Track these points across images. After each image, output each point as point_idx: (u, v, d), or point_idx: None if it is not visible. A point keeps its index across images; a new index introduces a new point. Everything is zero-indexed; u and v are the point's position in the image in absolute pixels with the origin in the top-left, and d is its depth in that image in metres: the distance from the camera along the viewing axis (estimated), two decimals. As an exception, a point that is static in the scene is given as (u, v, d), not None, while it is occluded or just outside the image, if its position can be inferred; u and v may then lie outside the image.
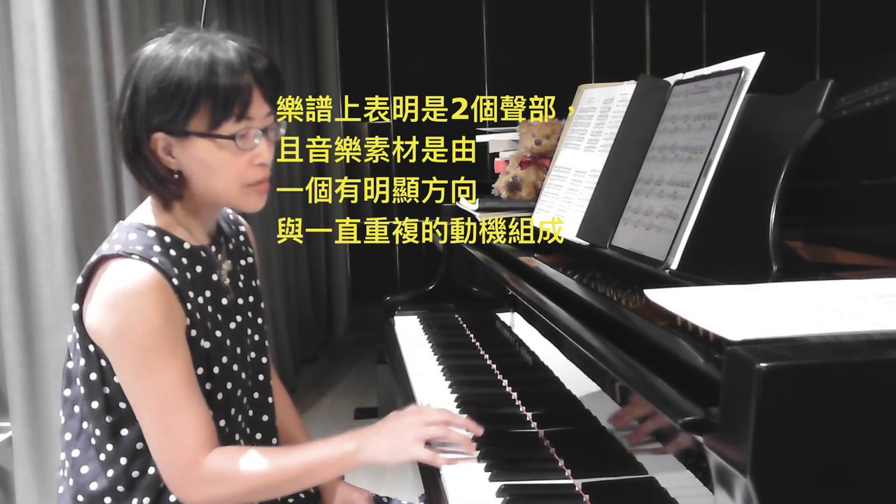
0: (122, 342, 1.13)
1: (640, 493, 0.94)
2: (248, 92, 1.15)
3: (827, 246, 1.32)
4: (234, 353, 1.25)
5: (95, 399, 1.19)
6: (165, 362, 1.13)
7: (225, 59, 1.14)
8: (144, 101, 1.15)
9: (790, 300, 0.80)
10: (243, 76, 1.15)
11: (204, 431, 1.15)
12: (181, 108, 1.13)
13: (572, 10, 5.46)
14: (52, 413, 2.10)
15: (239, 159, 1.17)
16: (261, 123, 1.18)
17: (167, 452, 1.15)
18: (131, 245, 1.15)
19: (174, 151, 1.17)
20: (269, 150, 1.22)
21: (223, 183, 1.19)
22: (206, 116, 1.14)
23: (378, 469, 2.98)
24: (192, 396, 1.15)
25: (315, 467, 1.18)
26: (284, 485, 1.21)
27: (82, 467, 1.21)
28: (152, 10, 2.54)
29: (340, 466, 1.19)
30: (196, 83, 1.12)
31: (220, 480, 1.15)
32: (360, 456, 1.17)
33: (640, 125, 1.37)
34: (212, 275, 1.25)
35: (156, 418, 1.14)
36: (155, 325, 1.12)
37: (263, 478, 1.17)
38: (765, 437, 0.63)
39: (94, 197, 2.25)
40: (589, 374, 1.10)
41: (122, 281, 1.12)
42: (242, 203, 1.22)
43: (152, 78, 1.14)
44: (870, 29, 4.63)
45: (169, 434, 1.14)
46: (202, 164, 1.17)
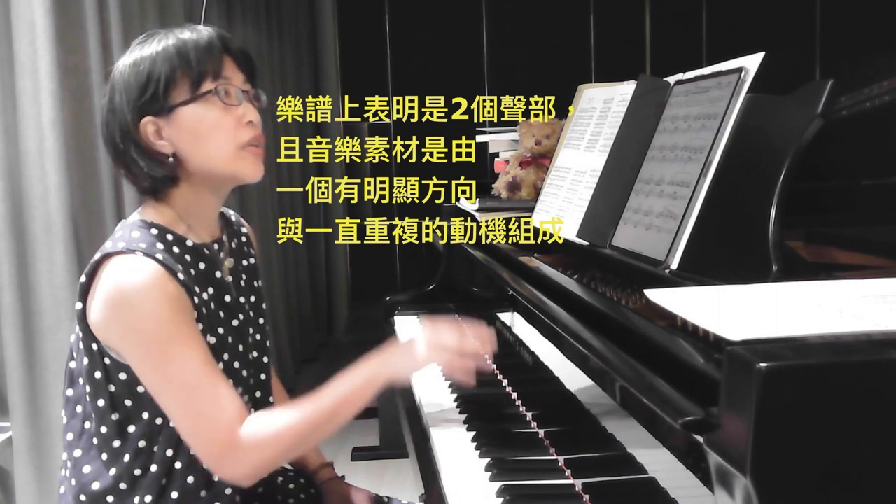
0: (134, 338, 1.13)
1: (640, 493, 0.94)
2: (218, 54, 1.20)
3: (827, 246, 1.32)
4: (236, 350, 1.26)
5: (101, 397, 1.19)
6: (182, 349, 1.13)
7: (191, 36, 1.20)
8: (123, 95, 1.18)
9: (790, 300, 0.80)
10: (210, 42, 1.20)
11: (234, 405, 1.16)
12: (158, 84, 1.17)
13: (572, 10, 5.46)
14: (52, 413, 2.10)
15: (227, 118, 1.20)
16: (240, 86, 1.22)
17: (204, 435, 1.15)
18: (135, 242, 1.15)
19: (164, 133, 1.19)
20: (256, 114, 1.24)
21: (216, 147, 1.20)
22: (185, 85, 1.18)
23: (378, 469, 2.98)
24: (216, 375, 1.16)
25: (344, 400, 1.21)
26: (321, 427, 1.22)
27: (84, 467, 1.21)
28: (152, 10, 2.54)
29: (368, 392, 1.22)
30: (167, 59, 1.17)
31: (261, 445, 1.16)
32: (383, 375, 1.23)
33: (640, 125, 1.37)
34: (215, 272, 1.25)
35: (185, 404, 1.14)
36: (165, 316, 1.12)
37: (301, 427, 1.19)
38: (765, 436, 0.63)
39: (94, 197, 2.24)
40: (589, 374, 1.11)
41: (127, 277, 1.13)
42: (240, 169, 1.22)
43: (126, 73, 1.19)
44: (870, 29, 4.63)
45: (201, 416, 1.14)
46: (194, 133, 1.19)
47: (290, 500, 1.40)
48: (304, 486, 1.45)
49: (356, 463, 3.05)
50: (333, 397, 1.21)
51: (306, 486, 1.46)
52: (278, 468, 1.37)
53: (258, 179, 1.25)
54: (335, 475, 1.48)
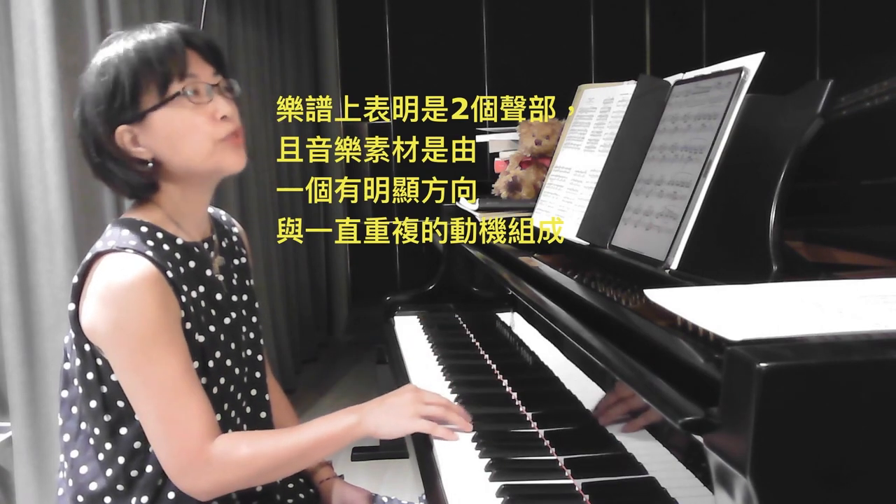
0: (119, 335, 1.13)
1: (640, 493, 0.94)
2: (181, 51, 1.18)
3: (827, 246, 1.32)
4: (227, 348, 1.26)
5: (93, 398, 1.19)
6: (165, 352, 1.13)
7: (149, 37, 1.18)
8: (93, 106, 1.17)
9: (790, 300, 0.80)
10: (171, 40, 1.18)
11: (207, 418, 1.15)
12: (125, 92, 1.15)
13: (572, 10, 5.46)
14: (52, 413, 2.10)
15: (199, 116, 1.18)
16: (208, 80, 1.20)
17: (172, 442, 1.15)
18: (124, 240, 1.16)
19: (140, 140, 1.18)
20: (230, 106, 1.22)
21: (194, 146, 1.19)
22: (152, 89, 1.16)
23: (378, 469, 2.98)
24: (193, 386, 1.16)
25: (319, 442, 1.20)
26: (291, 463, 1.22)
27: (81, 467, 1.21)
28: (152, 10, 2.54)
29: (343, 440, 1.22)
30: (130, 65, 1.16)
31: (228, 465, 1.16)
32: (362, 428, 1.21)
33: (640, 125, 1.37)
34: (205, 270, 1.26)
35: (158, 409, 1.14)
36: (152, 316, 1.12)
37: (270, 458, 1.18)
38: (765, 436, 0.63)
39: (94, 197, 2.25)
40: (589, 374, 1.11)
41: (116, 274, 1.13)
42: (221, 162, 1.21)
43: (91, 84, 1.18)
44: (870, 29, 4.63)
45: (173, 423, 1.14)
46: (169, 137, 1.18)
47: (289, 499, 1.40)
48: (302, 486, 1.45)
49: (356, 463, 3.05)
50: (311, 437, 1.20)
51: (305, 485, 1.46)
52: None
53: (241, 168, 1.23)
54: (334, 474, 1.49)
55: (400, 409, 1.23)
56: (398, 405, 1.24)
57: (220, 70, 1.23)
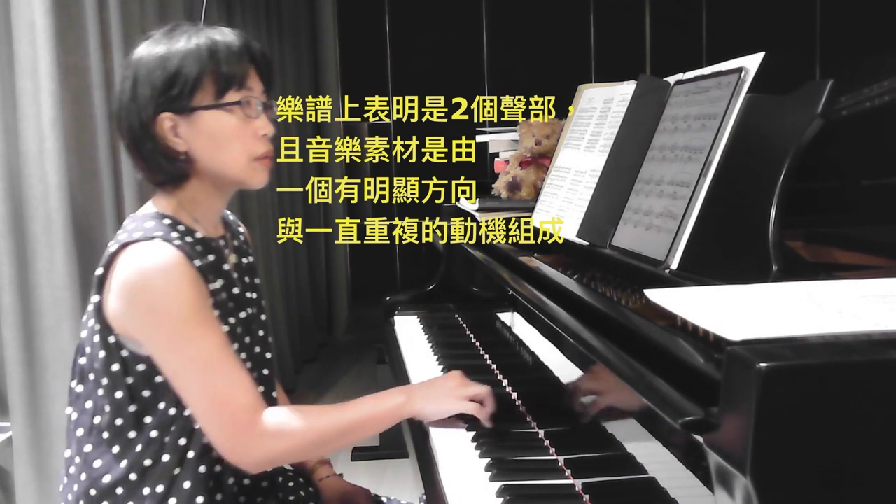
0: (155, 319, 1.14)
1: (640, 493, 0.94)
2: (246, 65, 1.22)
3: (827, 246, 1.32)
4: (243, 342, 1.27)
5: (119, 389, 1.20)
6: (203, 330, 1.15)
7: (222, 39, 1.21)
8: (148, 86, 1.19)
9: (790, 300, 0.80)
10: (241, 52, 1.21)
11: (253, 391, 1.17)
12: (185, 85, 1.18)
13: (572, 10, 5.47)
14: (52, 413, 2.09)
15: (245, 130, 1.22)
16: (260, 97, 1.24)
17: (224, 416, 1.16)
18: (150, 231, 1.17)
19: (180, 131, 1.20)
20: (272, 127, 1.27)
21: (231, 156, 1.22)
22: (210, 89, 1.19)
23: (378, 469, 2.98)
24: (235, 360, 1.18)
25: (367, 419, 1.25)
26: (340, 438, 1.25)
27: (95, 461, 1.22)
28: (152, 10, 2.54)
29: (391, 419, 1.27)
30: (198, 60, 1.18)
31: (280, 436, 1.18)
32: (409, 408, 1.27)
33: (640, 125, 1.37)
34: (223, 265, 1.27)
35: (205, 386, 1.15)
36: (187, 296, 1.14)
37: (321, 431, 1.21)
38: (765, 436, 0.63)
39: (94, 197, 2.24)
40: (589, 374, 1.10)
41: (147, 260, 1.14)
42: (249, 177, 1.25)
43: (153, 65, 1.19)
44: (870, 29, 4.63)
45: (221, 397, 1.15)
46: (211, 138, 1.20)
47: (290, 497, 1.40)
48: (302, 484, 1.45)
49: (356, 463, 3.05)
50: (360, 413, 1.24)
51: (305, 483, 1.46)
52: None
53: (263, 186, 1.28)
54: (333, 473, 1.49)
55: (447, 390, 1.29)
56: (445, 387, 1.30)
57: (268, 89, 1.27)
